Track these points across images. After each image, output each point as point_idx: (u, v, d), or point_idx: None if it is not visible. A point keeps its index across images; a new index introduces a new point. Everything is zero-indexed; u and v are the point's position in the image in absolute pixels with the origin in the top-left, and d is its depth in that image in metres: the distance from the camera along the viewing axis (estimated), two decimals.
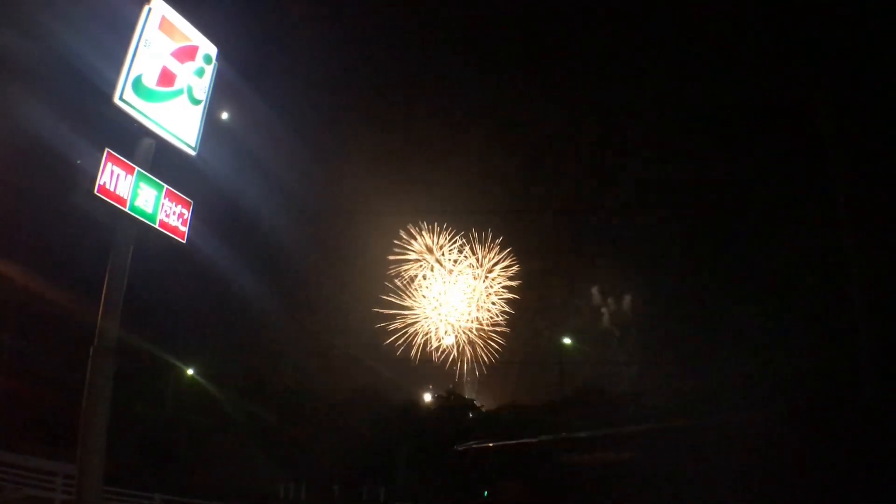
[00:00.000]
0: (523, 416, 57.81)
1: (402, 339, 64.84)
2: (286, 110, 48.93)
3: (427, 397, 65.26)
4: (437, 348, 65.75)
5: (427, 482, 49.11)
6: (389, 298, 64.30)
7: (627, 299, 57.14)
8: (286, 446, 52.49)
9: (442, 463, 51.64)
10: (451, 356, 65.92)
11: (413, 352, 65.30)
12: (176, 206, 13.53)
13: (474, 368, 66.12)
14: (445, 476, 50.68)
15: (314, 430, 53.85)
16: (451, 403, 59.98)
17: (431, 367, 65.69)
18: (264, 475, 50.62)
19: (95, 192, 12.09)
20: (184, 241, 13.74)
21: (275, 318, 55.51)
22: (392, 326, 64.54)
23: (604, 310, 58.17)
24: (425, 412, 59.38)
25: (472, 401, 62.91)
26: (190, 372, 54.99)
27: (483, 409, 61.53)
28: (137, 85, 12.97)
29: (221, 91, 14.95)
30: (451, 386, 64.52)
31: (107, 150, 12.29)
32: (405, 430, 54.17)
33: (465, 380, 66.35)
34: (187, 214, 13.77)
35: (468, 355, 66.29)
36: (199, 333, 54.10)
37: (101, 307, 12.77)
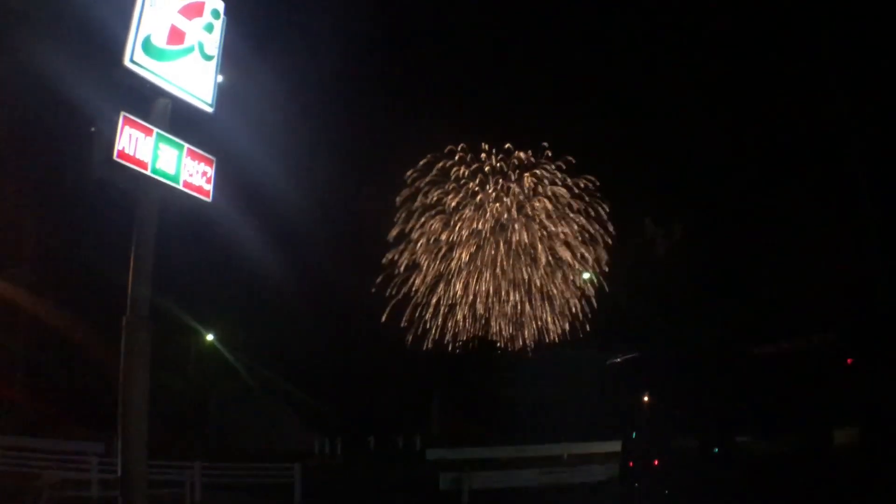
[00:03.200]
0: (550, 354, 57.99)
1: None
2: (300, 64, 48.10)
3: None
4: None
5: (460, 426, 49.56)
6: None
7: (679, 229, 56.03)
8: (316, 404, 52.72)
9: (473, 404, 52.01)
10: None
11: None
12: (198, 164, 13.15)
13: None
14: (478, 418, 51.26)
15: (343, 386, 54.13)
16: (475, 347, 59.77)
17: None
18: (297, 433, 50.90)
19: (115, 157, 11.72)
20: (209, 200, 13.39)
21: (291, 277, 55.12)
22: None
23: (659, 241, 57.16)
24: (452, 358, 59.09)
25: (496, 344, 62.55)
26: (210, 338, 54.95)
27: (507, 350, 61.44)
28: (147, 45, 12.55)
29: (231, 47, 14.46)
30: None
31: (122, 113, 11.93)
32: (435, 377, 54.35)
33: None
34: (210, 172, 13.39)
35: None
36: (216, 298, 53.99)
37: (130, 276, 12.49)
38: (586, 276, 59.94)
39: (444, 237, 63.58)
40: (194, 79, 13.44)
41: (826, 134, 33.28)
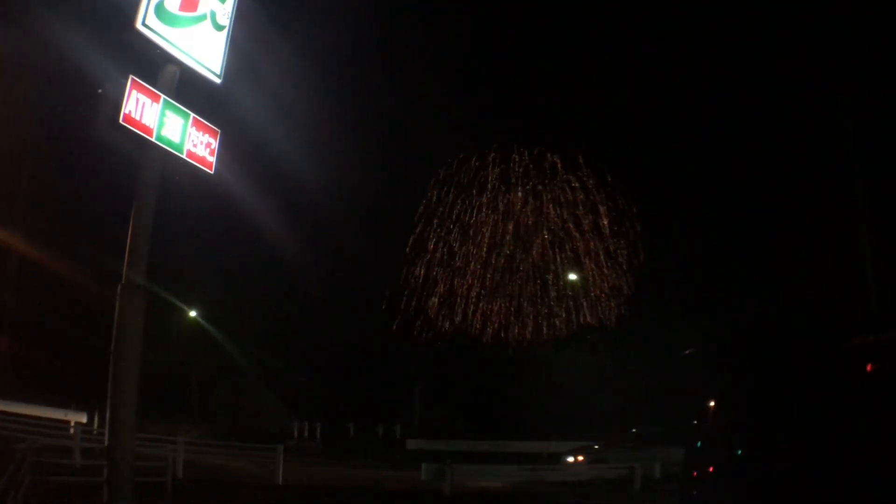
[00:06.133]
0: (532, 352, 57.86)
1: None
2: (315, 41, 47.29)
3: None
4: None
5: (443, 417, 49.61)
6: None
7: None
8: (298, 387, 52.57)
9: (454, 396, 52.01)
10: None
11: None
12: (203, 135, 13.01)
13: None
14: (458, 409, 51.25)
15: (325, 371, 53.96)
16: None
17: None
18: (276, 415, 50.78)
19: (121, 121, 11.56)
20: (211, 172, 13.26)
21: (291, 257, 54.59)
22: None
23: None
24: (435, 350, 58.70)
25: (481, 340, 62.22)
26: (193, 314, 54.67)
27: (492, 346, 61.06)
28: (160, 9, 12.36)
29: (244, 19, 14.23)
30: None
31: (131, 76, 11.75)
32: (419, 367, 54.26)
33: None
34: (215, 144, 13.26)
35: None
36: (205, 273, 53.67)
37: (128, 243, 12.34)
38: (573, 277, 59.67)
39: (461, 246, 62.42)
40: (204, 48, 13.29)
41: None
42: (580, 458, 30.23)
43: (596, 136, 58.71)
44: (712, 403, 9.26)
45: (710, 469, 8.83)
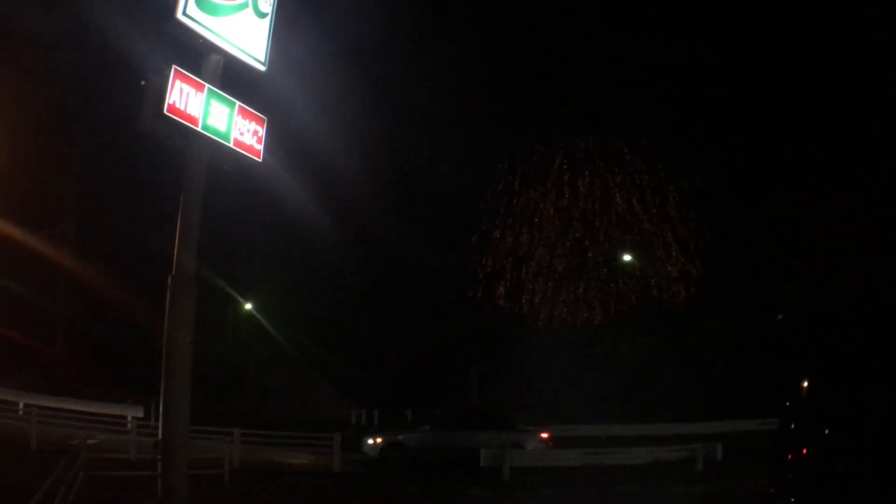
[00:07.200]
0: (578, 334, 57.46)
1: None
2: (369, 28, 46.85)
3: None
4: None
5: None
6: None
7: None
8: (355, 375, 52.69)
9: None
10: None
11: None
12: (249, 123, 12.88)
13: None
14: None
15: (383, 358, 54.03)
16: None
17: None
18: (334, 403, 50.96)
19: (165, 111, 11.46)
20: (259, 160, 13.14)
21: (341, 246, 54.54)
22: None
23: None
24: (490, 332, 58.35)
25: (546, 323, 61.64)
26: (248, 307, 55.03)
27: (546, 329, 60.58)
28: None
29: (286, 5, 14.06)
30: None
31: (174, 66, 11.65)
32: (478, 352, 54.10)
33: None
34: (262, 131, 13.12)
35: None
36: (259, 263, 53.90)
37: (177, 233, 12.33)
38: (638, 260, 58.92)
39: (528, 232, 61.86)
40: (247, 36, 13.13)
41: None
42: (378, 440, 29.96)
43: (663, 119, 57.50)
44: (805, 383, 8.71)
45: (804, 451, 8.31)
